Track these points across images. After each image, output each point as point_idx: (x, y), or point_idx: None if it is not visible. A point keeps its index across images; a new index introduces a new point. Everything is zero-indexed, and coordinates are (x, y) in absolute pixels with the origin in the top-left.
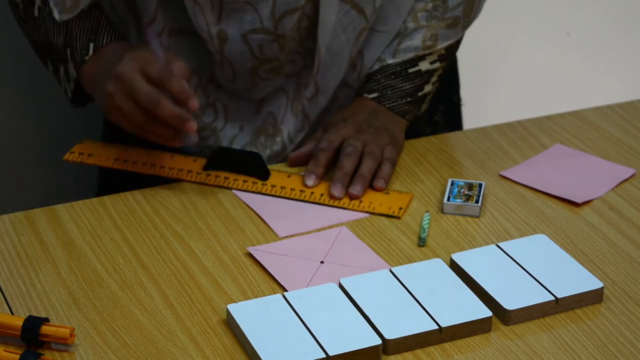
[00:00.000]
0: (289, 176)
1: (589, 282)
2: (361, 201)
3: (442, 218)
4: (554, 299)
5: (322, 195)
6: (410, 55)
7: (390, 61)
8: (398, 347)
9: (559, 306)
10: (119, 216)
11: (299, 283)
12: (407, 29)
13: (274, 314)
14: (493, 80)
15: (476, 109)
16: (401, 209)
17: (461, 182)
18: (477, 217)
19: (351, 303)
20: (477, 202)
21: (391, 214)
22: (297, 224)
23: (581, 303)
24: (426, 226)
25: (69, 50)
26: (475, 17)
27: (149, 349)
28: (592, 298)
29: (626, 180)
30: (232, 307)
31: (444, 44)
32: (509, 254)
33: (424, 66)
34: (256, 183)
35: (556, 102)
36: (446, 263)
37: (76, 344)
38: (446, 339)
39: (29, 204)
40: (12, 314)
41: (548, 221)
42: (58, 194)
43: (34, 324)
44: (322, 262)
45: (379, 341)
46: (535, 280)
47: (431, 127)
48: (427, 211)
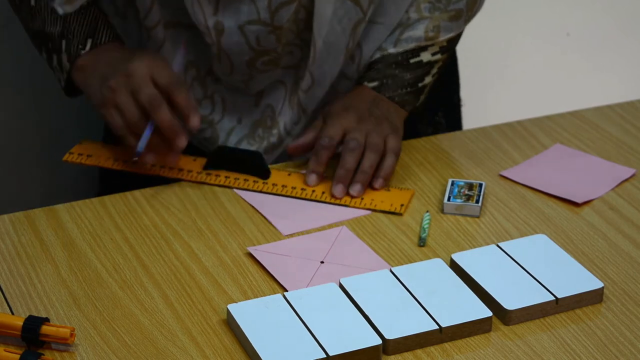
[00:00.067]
0: (289, 174)
1: (589, 282)
2: (362, 198)
3: (443, 218)
4: (554, 299)
5: (323, 193)
6: (412, 45)
7: (392, 50)
8: (398, 347)
9: (559, 306)
10: (119, 216)
11: (299, 283)
12: (410, 19)
13: (274, 314)
14: (493, 80)
15: (476, 109)
16: (402, 205)
17: (461, 182)
18: (477, 217)
19: (351, 303)
20: (477, 202)
21: (393, 210)
22: (299, 222)
23: (581, 303)
24: (426, 226)
25: (64, 42)
26: (477, 10)
27: (149, 349)
28: (592, 298)
29: (626, 180)
30: (232, 307)
31: (446, 35)
32: (509, 254)
33: (425, 57)
34: (257, 182)
35: (556, 102)
36: (446, 263)
37: (76, 344)
38: (446, 339)
39: (29, 204)
40: (13, 313)
41: (548, 221)
42: (58, 194)
43: (34, 323)
44: (322, 262)
45: (379, 341)
46: (535, 280)
47: (432, 127)
48: (428, 211)
